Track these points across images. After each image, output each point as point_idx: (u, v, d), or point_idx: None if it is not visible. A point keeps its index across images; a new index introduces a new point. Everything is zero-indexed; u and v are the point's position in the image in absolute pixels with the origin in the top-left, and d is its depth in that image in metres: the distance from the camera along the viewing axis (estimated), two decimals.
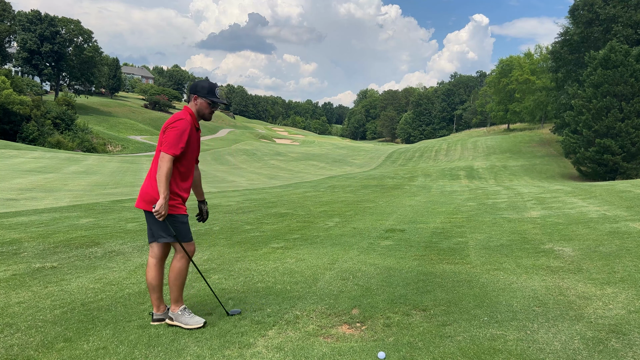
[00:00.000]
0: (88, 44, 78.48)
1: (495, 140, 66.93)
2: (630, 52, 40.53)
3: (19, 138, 50.05)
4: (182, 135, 3.54)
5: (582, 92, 42.47)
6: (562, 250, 6.29)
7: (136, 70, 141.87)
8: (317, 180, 28.13)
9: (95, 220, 9.19)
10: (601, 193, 13.33)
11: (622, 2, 47.41)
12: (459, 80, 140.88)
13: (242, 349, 3.26)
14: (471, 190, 18.23)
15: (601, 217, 8.99)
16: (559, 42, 54.24)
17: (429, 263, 5.74)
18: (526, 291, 4.51)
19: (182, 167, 3.67)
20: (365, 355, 3.16)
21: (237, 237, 7.67)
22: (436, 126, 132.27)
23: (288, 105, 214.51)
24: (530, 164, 47.99)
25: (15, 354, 3.14)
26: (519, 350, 3.20)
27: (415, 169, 44.93)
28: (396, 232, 8.09)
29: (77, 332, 3.53)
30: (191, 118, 3.68)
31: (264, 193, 16.81)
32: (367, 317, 3.86)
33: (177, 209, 3.64)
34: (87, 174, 24.15)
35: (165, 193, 3.46)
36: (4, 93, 49.05)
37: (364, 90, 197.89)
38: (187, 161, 3.70)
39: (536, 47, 77.11)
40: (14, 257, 5.97)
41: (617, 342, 3.32)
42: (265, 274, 5.23)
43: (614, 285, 4.62)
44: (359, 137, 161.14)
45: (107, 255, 6.16)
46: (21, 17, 72.86)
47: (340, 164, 56.15)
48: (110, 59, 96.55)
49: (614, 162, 39.60)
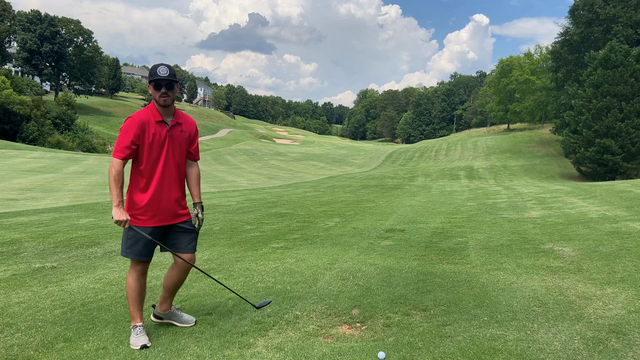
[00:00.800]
0: (88, 44, 78.48)
1: (495, 140, 66.93)
2: (630, 52, 40.52)
3: (19, 138, 50.05)
4: (125, 135, 3.23)
5: (582, 92, 42.46)
6: (562, 250, 6.29)
7: (136, 70, 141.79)
8: (317, 180, 28.14)
9: (95, 220, 9.19)
10: (601, 193, 13.33)
11: (622, 2, 47.42)
12: (459, 80, 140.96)
13: (242, 349, 3.26)
14: (471, 190, 18.22)
15: (601, 217, 8.99)
16: (559, 42, 54.24)
17: (429, 263, 5.74)
18: (526, 291, 4.51)
19: (144, 170, 3.31)
20: (365, 355, 3.16)
21: (237, 237, 7.66)
22: (436, 126, 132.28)
23: (288, 105, 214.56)
24: (530, 164, 47.99)
25: (15, 354, 3.14)
26: (519, 350, 3.20)
27: (415, 169, 44.93)
28: (396, 232, 8.09)
29: (77, 332, 3.53)
30: (146, 114, 3.32)
31: (264, 193, 16.81)
32: (367, 317, 3.86)
33: (134, 220, 3.34)
34: (87, 174, 24.14)
35: (117, 200, 3.17)
36: (4, 93, 49.06)
37: (364, 90, 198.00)
38: (149, 163, 3.31)
39: (536, 47, 77.18)
40: (14, 257, 5.97)
41: (617, 342, 3.32)
42: (265, 274, 5.23)
43: (614, 285, 4.62)
44: (359, 137, 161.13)
45: (107, 255, 6.16)
46: (21, 17, 72.85)
47: (340, 164, 56.15)
48: (110, 59, 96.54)
49: (614, 162, 39.59)
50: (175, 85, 3.36)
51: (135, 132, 3.24)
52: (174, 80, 3.32)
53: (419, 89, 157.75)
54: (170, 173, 3.40)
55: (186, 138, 3.48)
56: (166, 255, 6.27)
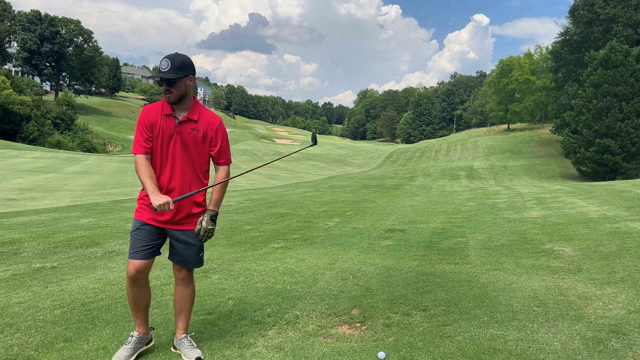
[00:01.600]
0: (88, 44, 78.51)
1: (495, 140, 66.92)
2: (631, 52, 40.54)
3: (19, 138, 50.07)
4: (137, 129, 3.11)
5: (582, 92, 42.47)
6: (562, 250, 6.29)
7: (136, 70, 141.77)
8: (317, 180, 28.13)
9: (95, 220, 9.19)
10: (601, 193, 13.33)
11: (622, 2, 47.42)
12: (459, 80, 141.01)
13: (242, 349, 3.26)
14: (471, 190, 18.22)
15: (601, 217, 8.99)
16: (559, 42, 54.23)
17: (429, 263, 5.74)
18: (526, 291, 4.51)
19: (154, 163, 3.14)
20: (365, 355, 3.16)
21: (237, 237, 7.66)
22: (436, 126, 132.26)
23: (288, 105, 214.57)
24: (530, 164, 47.98)
25: (15, 354, 3.14)
26: (519, 350, 3.20)
27: (415, 169, 44.93)
28: (396, 232, 8.09)
29: (77, 332, 3.52)
30: (157, 106, 3.16)
31: (264, 193, 16.81)
32: (367, 317, 3.86)
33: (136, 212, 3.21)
34: (87, 174, 24.14)
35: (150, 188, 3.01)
36: (4, 93, 49.07)
37: (364, 90, 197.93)
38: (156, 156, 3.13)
39: (536, 47, 77.10)
40: (14, 257, 5.96)
41: (617, 342, 3.32)
42: (265, 274, 5.23)
43: (614, 285, 4.62)
44: (359, 137, 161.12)
45: (107, 255, 6.16)
46: (21, 17, 72.88)
47: (340, 164, 56.14)
48: (110, 59, 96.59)
49: (614, 162, 39.59)
50: (180, 81, 3.04)
51: (144, 126, 3.09)
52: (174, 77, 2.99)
53: (419, 89, 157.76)
54: (179, 172, 3.12)
55: (199, 138, 3.14)
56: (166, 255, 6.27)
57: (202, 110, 3.22)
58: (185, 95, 3.11)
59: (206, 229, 3.12)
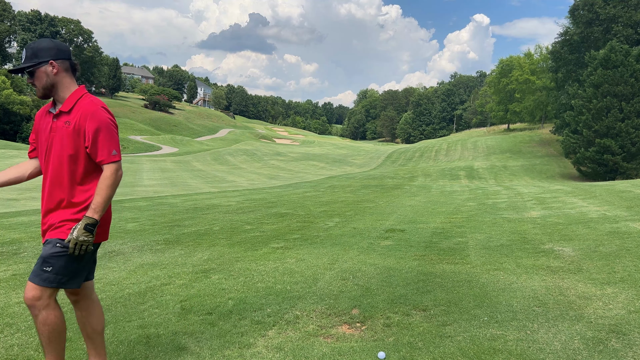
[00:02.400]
0: (88, 44, 78.66)
1: (495, 140, 66.92)
2: (631, 52, 40.51)
3: (19, 138, 50.10)
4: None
5: (582, 92, 42.46)
6: (562, 250, 6.29)
7: (136, 70, 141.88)
8: (317, 180, 28.14)
9: None
10: (601, 193, 13.33)
11: (622, 2, 47.41)
12: (459, 80, 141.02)
13: (242, 349, 3.26)
14: (471, 190, 18.22)
15: (601, 217, 8.99)
16: (559, 42, 54.21)
17: (429, 263, 5.74)
18: (526, 291, 4.51)
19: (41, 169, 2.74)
20: (365, 355, 3.16)
21: (237, 237, 7.67)
22: (436, 126, 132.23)
23: (288, 105, 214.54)
24: (530, 164, 47.98)
25: (15, 354, 3.14)
26: (519, 350, 3.20)
27: (415, 169, 44.93)
28: (396, 232, 8.09)
29: (77, 332, 3.52)
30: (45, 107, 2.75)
31: (264, 193, 16.81)
32: (367, 317, 3.86)
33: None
34: None
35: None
36: (4, 93, 49.09)
37: (364, 90, 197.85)
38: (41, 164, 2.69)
39: (536, 47, 77.08)
40: (14, 257, 5.97)
41: (617, 342, 3.32)
42: (265, 274, 5.23)
43: (614, 285, 4.62)
44: (359, 137, 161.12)
45: (107, 255, 6.16)
46: (21, 17, 73.00)
47: (340, 164, 56.13)
48: (110, 59, 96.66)
49: (614, 162, 39.58)
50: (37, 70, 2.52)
51: (34, 128, 2.76)
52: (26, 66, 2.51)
53: (419, 89, 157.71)
54: (52, 175, 2.59)
55: (70, 131, 2.54)
56: (166, 255, 6.27)
57: (82, 100, 2.61)
58: (53, 86, 2.58)
59: (76, 239, 2.45)
